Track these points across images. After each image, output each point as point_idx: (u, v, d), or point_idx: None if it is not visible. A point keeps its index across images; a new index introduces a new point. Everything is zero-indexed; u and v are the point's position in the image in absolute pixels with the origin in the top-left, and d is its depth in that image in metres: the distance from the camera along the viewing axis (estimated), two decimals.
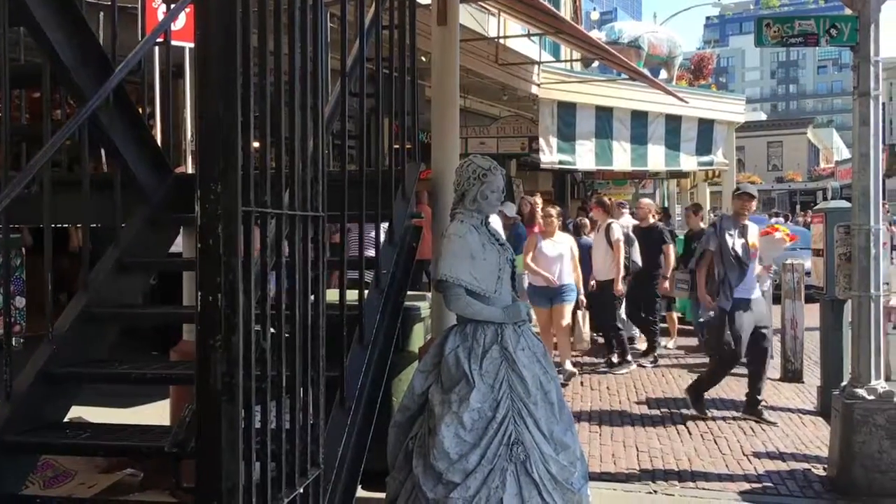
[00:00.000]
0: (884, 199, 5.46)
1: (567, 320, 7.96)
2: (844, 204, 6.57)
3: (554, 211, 8.21)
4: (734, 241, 6.51)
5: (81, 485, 4.16)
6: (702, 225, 9.83)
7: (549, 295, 7.92)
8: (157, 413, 5.80)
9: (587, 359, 9.27)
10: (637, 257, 8.94)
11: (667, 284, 9.29)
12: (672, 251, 9.27)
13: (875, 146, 5.06)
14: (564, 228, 10.72)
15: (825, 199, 34.01)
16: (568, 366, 8.08)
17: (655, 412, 6.91)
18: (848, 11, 5.15)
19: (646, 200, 9.78)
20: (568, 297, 7.93)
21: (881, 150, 5.20)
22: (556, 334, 8.13)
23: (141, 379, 3.59)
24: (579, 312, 8.45)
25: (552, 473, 3.47)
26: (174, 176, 4.29)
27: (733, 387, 7.69)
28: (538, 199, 10.63)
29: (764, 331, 6.60)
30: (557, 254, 7.89)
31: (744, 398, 6.77)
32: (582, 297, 8.34)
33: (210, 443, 1.91)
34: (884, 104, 5.38)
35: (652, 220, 9.59)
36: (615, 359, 8.76)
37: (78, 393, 3.57)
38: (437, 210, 4.53)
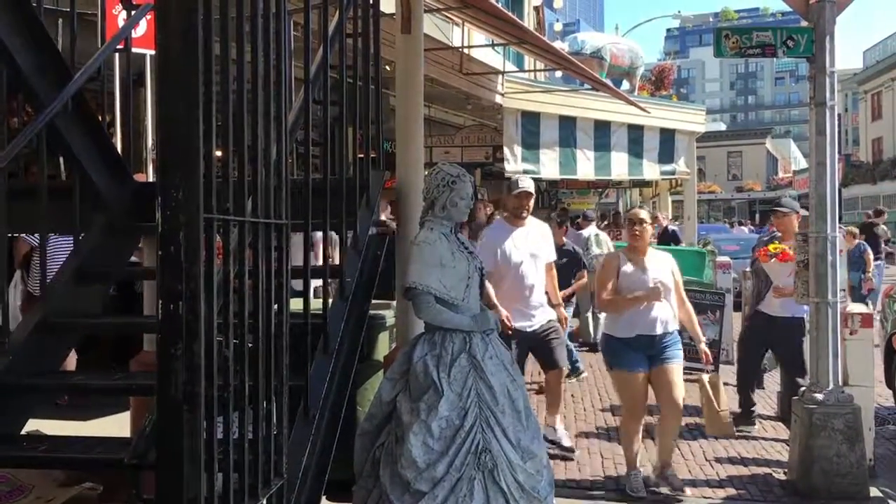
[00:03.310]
0: (840, 207, 5.57)
1: (680, 391, 5.00)
2: (802, 212, 6.69)
3: (645, 214, 5.29)
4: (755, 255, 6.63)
5: (39, 499, 4.06)
6: (564, 239, 8.67)
7: (647, 349, 5.00)
8: (117, 425, 5.71)
9: None
10: None
11: None
12: None
13: (831, 156, 5.17)
14: None
15: None
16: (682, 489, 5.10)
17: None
18: (804, 23, 5.26)
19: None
20: (676, 353, 5.04)
21: (837, 159, 5.30)
22: (664, 415, 5.16)
23: (100, 390, 3.54)
24: (720, 376, 5.53)
25: (519, 482, 3.47)
26: (134, 184, 4.23)
27: (692, 394, 7.77)
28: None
29: (780, 352, 6.55)
30: (657, 283, 4.99)
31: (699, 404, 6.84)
32: (704, 348, 5.26)
33: (171, 454, 1.88)
34: (839, 115, 5.49)
35: None
36: None
37: (35, 405, 3.50)
38: (403, 218, 4.53)
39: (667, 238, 13.59)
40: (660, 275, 5.01)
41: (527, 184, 5.76)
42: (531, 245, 5.70)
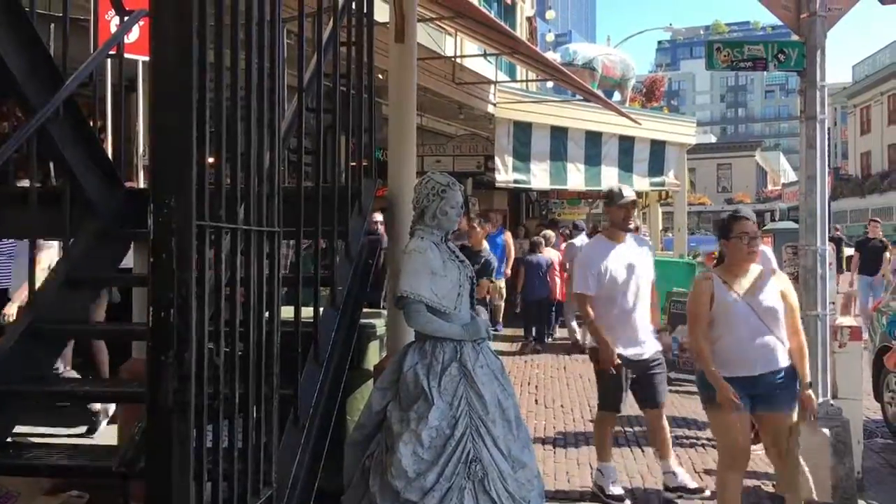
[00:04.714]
0: (829, 221, 5.59)
1: (791, 445, 4.22)
2: (791, 225, 6.73)
3: (754, 227, 4.24)
4: None
5: None
6: (485, 244, 8.50)
7: (748, 389, 4.11)
8: (105, 433, 5.67)
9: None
10: None
11: None
12: None
13: (821, 169, 5.18)
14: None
15: (773, 220, 34.83)
16: None
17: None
18: (795, 37, 5.30)
19: None
20: (785, 399, 4.19)
21: (827, 173, 5.33)
22: (780, 474, 4.49)
23: (89, 397, 3.51)
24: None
25: (510, 491, 3.47)
26: (125, 190, 4.22)
27: (685, 404, 7.78)
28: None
29: None
30: (768, 307, 4.13)
31: (693, 415, 6.81)
32: (809, 394, 4.24)
33: (160, 462, 1.87)
34: (829, 128, 5.52)
35: None
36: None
37: (22, 411, 3.47)
38: (394, 227, 4.53)
39: None
40: (768, 299, 4.11)
41: (630, 193, 5.21)
42: (638, 262, 5.14)
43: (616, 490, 5.12)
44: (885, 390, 6.97)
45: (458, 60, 10.49)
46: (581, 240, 11.39)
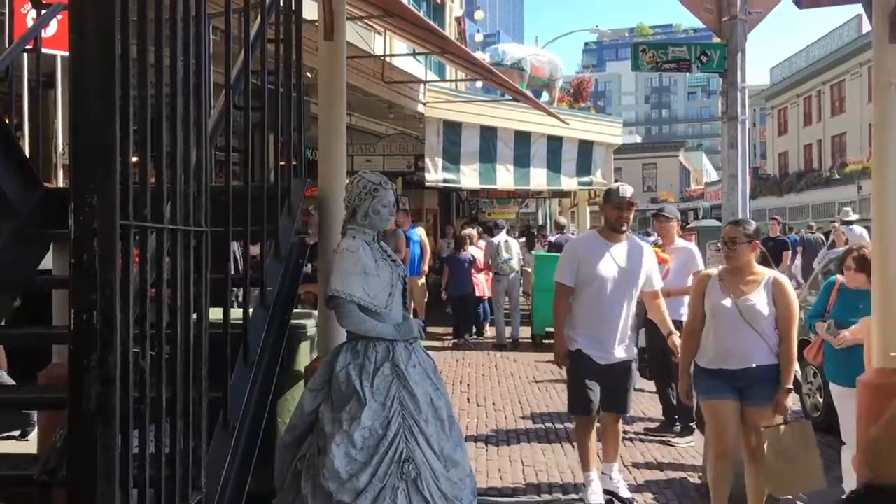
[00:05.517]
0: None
1: (763, 442, 4.26)
2: (714, 223, 6.93)
3: (737, 231, 4.37)
4: None
5: None
6: None
7: (731, 381, 4.32)
8: (25, 443, 5.49)
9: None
10: None
11: None
12: None
13: (742, 168, 5.35)
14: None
15: (696, 218, 35.75)
16: None
17: (540, 427, 7.04)
18: (716, 40, 5.46)
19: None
20: (760, 393, 4.30)
21: (748, 172, 5.50)
22: (745, 469, 4.49)
23: (7, 403, 3.38)
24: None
25: (443, 490, 3.48)
26: (44, 190, 4.08)
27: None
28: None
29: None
30: (753, 308, 4.27)
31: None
32: (780, 398, 4.27)
33: (84, 469, 1.81)
34: (749, 129, 5.70)
35: None
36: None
37: None
38: (325, 226, 4.49)
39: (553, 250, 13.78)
40: (756, 302, 4.27)
41: (628, 191, 4.90)
42: (626, 266, 4.86)
43: (595, 499, 4.94)
44: (804, 382, 7.22)
45: (388, 59, 10.47)
46: (501, 237, 11.70)
